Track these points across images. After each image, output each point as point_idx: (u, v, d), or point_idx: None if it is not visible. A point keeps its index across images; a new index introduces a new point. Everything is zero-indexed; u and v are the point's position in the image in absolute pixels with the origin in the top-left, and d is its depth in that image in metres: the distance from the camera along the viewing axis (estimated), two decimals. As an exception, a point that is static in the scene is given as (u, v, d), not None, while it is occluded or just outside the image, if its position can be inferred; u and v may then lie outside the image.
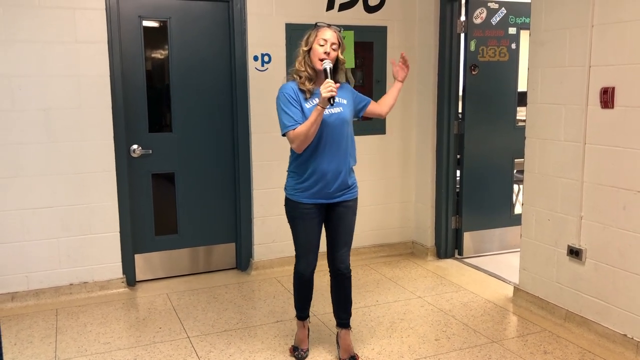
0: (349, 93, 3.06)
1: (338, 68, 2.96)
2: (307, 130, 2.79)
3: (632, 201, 3.11)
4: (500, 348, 3.30)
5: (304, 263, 3.07)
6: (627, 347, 3.17)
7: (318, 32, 2.89)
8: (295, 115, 2.84)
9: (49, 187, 3.93)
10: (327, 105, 2.75)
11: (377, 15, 4.71)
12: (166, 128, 4.38)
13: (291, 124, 2.83)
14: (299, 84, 2.90)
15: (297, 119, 2.84)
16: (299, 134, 2.81)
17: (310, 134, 2.80)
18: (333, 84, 2.72)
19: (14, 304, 3.92)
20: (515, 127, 4.85)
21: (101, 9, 3.92)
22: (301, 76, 2.91)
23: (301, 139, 2.82)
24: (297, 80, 2.91)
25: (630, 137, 3.09)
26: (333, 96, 2.72)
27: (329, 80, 2.74)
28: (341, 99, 2.97)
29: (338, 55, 2.91)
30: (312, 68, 2.90)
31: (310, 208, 2.96)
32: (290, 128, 2.83)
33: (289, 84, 2.94)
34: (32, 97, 3.82)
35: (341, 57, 2.94)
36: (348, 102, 3.01)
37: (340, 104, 2.96)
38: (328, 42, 2.85)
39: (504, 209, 5.00)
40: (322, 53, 2.84)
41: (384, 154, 4.91)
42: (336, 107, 2.92)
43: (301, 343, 3.23)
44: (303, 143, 2.83)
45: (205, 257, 4.61)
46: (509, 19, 4.71)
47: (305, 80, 2.89)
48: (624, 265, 3.18)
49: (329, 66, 2.81)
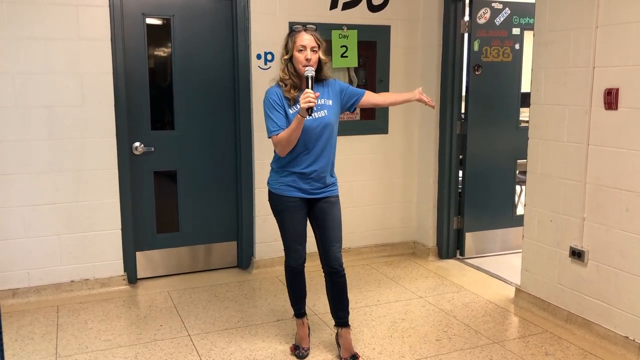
0: (336, 91, 3.04)
1: (321, 67, 2.97)
2: (288, 137, 2.84)
3: (635, 203, 3.10)
4: (502, 349, 3.29)
5: (293, 255, 3.10)
6: (628, 349, 3.16)
7: (296, 38, 2.89)
8: (279, 120, 2.88)
9: (51, 184, 3.93)
10: (306, 115, 2.76)
11: (380, 14, 4.70)
12: (168, 126, 4.37)
13: (274, 129, 2.88)
14: (284, 92, 2.92)
15: (281, 124, 2.88)
16: (281, 140, 2.86)
17: (292, 140, 2.85)
18: (312, 94, 2.73)
19: (15, 300, 3.93)
20: (518, 127, 4.84)
21: (104, 6, 3.91)
22: (286, 84, 2.92)
23: (283, 145, 2.87)
24: (282, 88, 2.93)
25: (634, 138, 3.08)
26: (311, 107, 2.73)
27: (308, 91, 2.74)
28: (326, 100, 2.98)
29: (320, 56, 2.92)
30: (295, 75, 2.91)
31: (295, 201, 3.00)
32: (274, 133, 2.88)
33: (273, 88, 2.97)
34: (34, 94, 3.82)
35: (323, 58, 2.94)
36: (334, 102, 3.01)
37: (325, 106, 2.96)
38: (307, 47, 2.86)
39: (506, 209, 4.99)
40: (304, 60, 2.85)
41: (386, 153, 4.90)
42: (320, 110, 2.93)
43: (302, 342, 3.23)
44: (285, 148, 2.89)
45: (207, 255, 4.61)
46: (513, 19, 4.70)
47: (290, 88, 2.91)
48: (626, 267, 3.18)
49: (311, 74, 2.82)
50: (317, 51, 2.89)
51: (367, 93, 3.15)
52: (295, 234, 3.07)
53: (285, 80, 2.92)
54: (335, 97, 3.02)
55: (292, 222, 3.05)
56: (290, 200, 3.01)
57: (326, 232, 3.05)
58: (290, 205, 3.02)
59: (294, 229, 3.06)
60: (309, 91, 2.74)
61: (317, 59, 2.90)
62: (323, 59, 2.95)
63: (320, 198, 3.03)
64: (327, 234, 3.05)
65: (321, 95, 2.96)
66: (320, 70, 2.97)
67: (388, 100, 3.29)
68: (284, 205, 3.03)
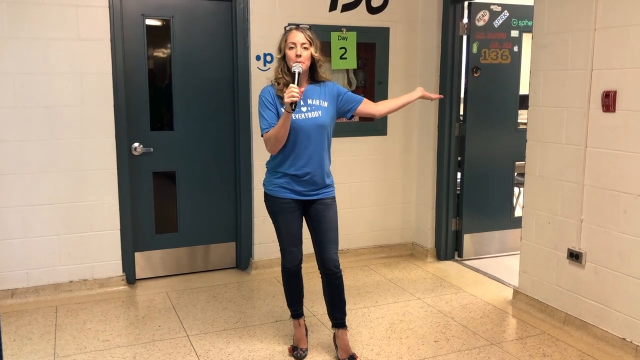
0: (333, 94, 3.04)
1: (316, 66, 2.98)
2: (275, 133, 2.86)
3: (633, 205, 3.11)
4: (499, 350, 3.30)
5: (289, 257, 3.11)
6: (625, 351, 3.17)
7: (287, 37, 2.92)
8: (271, 118, 2.92)
9: (50, 184, 3.94)
10: (290, 110, 2.77)
11: (379, 16, 4.71)
12: (168, 126, 4.38)
13: (265, 127, 2.92)
14: (276, 90, 2.94)
15: (272, 122, 2.91)
16: (270, 137, 2.89)
17: (280, 137, 2.86)
18: (296, 89, 2.74)
19: (13, 300, 3.93)
20: (516, 129, 4.86)
21: (104, 6, 3.92)
22: (279, 83, 2.95)
23: (272, 142, 2.90)
24: (276, 87, 2.96)
25: (632, 140, 3.09)
26: (295, 102, 2.74)
27: (293, 86, 2.76)
28: (321, 101, 2.98)
29: (312, 53, 2.93)
30: (288, 74, 2.94)
31: (289, 202, 3.01)
32: (265, 131, 2.92)
33: (267, 87, 3.00)
34: (34, 94, 3.83)
35: (316, 55, 2.95)
36: (329, 105, 3.01)
37: (320, 107, 2.97)
38: (297, 44, 2.88)
39: (505, 211, 5.00)
40: (294, 56, 2.87)
41: (385, 155, 4.91)
42: (314, 110, 2.95)
43: (299, 342, 3.24)
44: (274, 146, 2.91)
45: (205, 256, 4.61)
46: (512, 21, 4.71)
47: (283, 86, 2.92)
48: (623, 269, 3.18)
49: (298, 70, 2.84)
50: (308, 48, 2.90)
51: (365, 101, 3.13)
52: (290, 236, 3.08)
53: (279, 79, 2.95)
54: (332, 99, 3.02)
55: (286, 223, 3.05)
56: (284, 201, 3.01)
57: (322, 234, 3.06)
58: (285, 207, 3.02)
59: (289, 230, 3.07)
60: (293, 86, 2.75)
61: (308, 56, 2.91)
62: (316, 56, 2.95)
63: (315, 199, 3.04)
64: (323, 236, 3.05)
65: (316, 96, 2.98)
66: (315, 69, 2.99)
67: (386, 108, 3.20)
68: (278, 206, 3.04)
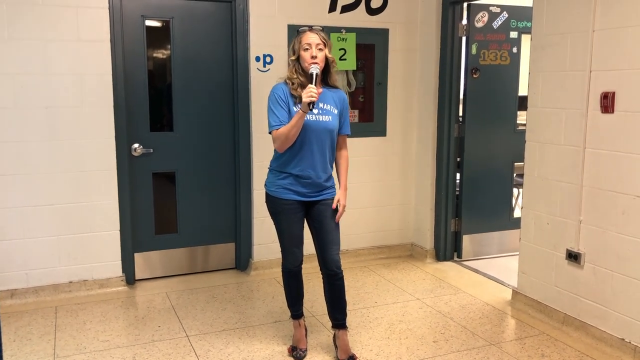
0: (342, 105, 3.07)
1: (329, 67, 3.01)
2: (287, 132, 2.86)
3: (631, 206, 3.12)
4: (498, 351, 3.30)
5: (290, 257, 3.11)
6: (624, 352, 3.18)
7: (301, 38, 2.94)
8: (282, 115, 2.92)
9: (50, 184, 3.94)
10: (307, 110, 2.80)
11: (379, 17, 4.72)
12: (167, 127, 4.38)
13: (276, 124, 2.92)
14: (290, 89, 2.96)
15: (283, 119, 2.91)
16: (280, 135, 2.89)
17: (291, 135, 2.87)
18: (315, 90, 2.78)
19: (13, 300, 3.93)
20: (515, 130, 4.86)
21: (104, 7, 3.93)
22: (294, 83, 2.96)
23: (282, 140, 2.90)
24: (290, 86, 2.97)
25: (630, 142, 3.10)
26: (313, 101, 2.77)
27: (311, 86, 2.80)
28: (332, 107, 3.01)
29: (326, 54, 2.95)
30: (303, 75, 2.95)
31: (291, 203, 3.02)
32: (274, 128, 2.92)
33: (280, 84, 3.02)
34: (34, 95, 3.83)
35: (330, 56, 2.98)
36: (338, 113, 3.04)
37: (331, 113, 3.00)
38: (312, 45, 2.90)
39: (504, 212, 5.01)
40: (310, 57, 2.89)
41: (385, 155, 4.92)
42: (326, 114, 2.97)
43: (299, 343, 3.24)
44: (284, 144, 2.91)
45: (205, 256, 4.61)
46: (511, 22, 4.72)
47: (298, 86, 2.94)
48: (622, 269, 3.19)
49: (315, 71, 2.87)
50: (322, 49, 2.92)
51: (346, 138, 3.15)
52: (291, 237, 3.09)
53: (293, 79, 2.96)
54: (340, 109, 3.06)
55: (288, 224, 3.06)
56: (286, 203, 3.02)
57: (324, 235, 3.06)
58: (287, 208, 3.03)
59: (291, 231, 3.07)
60: (312, 87, 2.79)
61: (323, 57, 2.93)
62: (330, 57, 2.98)
63: (317, 200, 3.05)
64: (325, 237, 3.06)
65: (328, 101, 3.00)
66: (328, 71, 3.01)
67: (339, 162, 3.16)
68: (280, 207, 3.05)
